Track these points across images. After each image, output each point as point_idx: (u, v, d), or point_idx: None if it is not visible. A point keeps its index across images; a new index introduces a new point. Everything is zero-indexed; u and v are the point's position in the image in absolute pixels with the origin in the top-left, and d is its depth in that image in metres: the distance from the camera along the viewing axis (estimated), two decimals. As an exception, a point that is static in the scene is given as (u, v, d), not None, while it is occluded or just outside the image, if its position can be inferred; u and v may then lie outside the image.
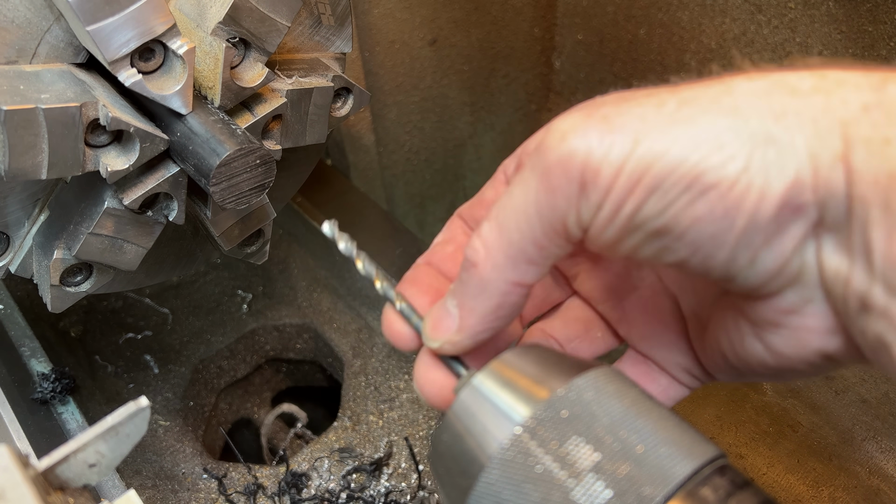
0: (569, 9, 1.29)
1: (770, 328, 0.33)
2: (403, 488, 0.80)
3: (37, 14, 0.54)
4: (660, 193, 0.30)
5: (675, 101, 0.31)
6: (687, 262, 0.32)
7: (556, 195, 0.32)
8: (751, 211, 0.29)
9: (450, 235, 0.44)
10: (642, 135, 0.30)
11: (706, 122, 0.29)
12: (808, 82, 0.30)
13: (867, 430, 0.92)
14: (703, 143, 0.29)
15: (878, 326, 0.29)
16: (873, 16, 0.92)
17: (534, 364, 0.34)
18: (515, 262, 0.34)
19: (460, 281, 0.36)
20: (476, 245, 0.35)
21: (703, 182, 0.29)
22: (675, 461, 0.29)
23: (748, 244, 0.30)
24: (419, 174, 1.35)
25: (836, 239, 0.30)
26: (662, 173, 0.29)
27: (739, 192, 0.29)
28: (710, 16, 1.08)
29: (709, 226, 0.30)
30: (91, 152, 0.55)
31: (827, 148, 0.28)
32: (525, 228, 0.33)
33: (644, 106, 0.31)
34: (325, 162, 1.23)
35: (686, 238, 0.30)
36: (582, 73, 1.36)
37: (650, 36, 1.18)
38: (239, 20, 0.57)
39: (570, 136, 0.31)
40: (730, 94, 0.30)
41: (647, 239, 0.32)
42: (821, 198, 0.29)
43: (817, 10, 0.97)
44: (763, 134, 0.29)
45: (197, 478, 0.82)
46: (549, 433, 0.31)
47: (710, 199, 0.29)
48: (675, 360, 0.42)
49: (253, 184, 0.59)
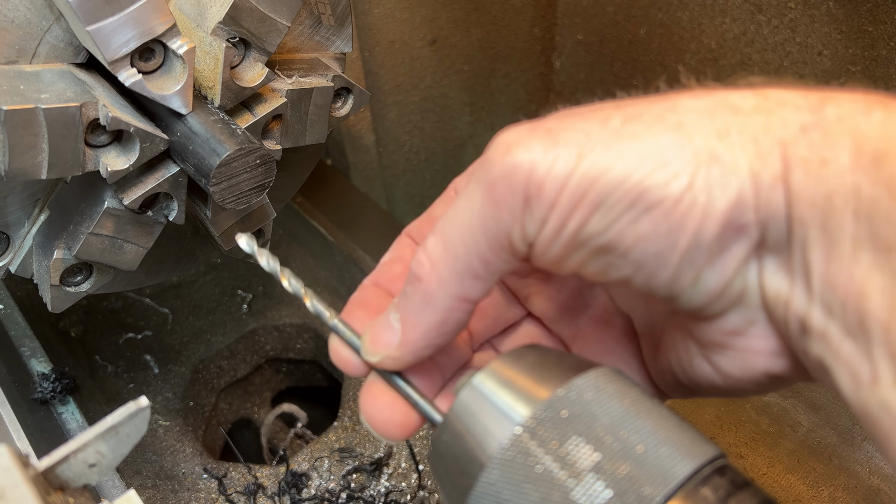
0: (569, 9, 1.29)
1: (716, 349, 0.33)
2: (403, 488, 0.80)
3: (37, 14, 0.54)
4: (604, 210, 0.30)
5: (620, 117, 0.30)
6: (631, 280, 0.31)
7: (501, 209, 0.31)
8: (694, 230, 0.29)
9: (398, 255, 0.43)
10: (587, 150, 0.30)
11: (651, 138, 0.29)
12: (750, 101, 0.30)
13: (867, 430, 0.92)
14: (647, 159, 0.29)
15: (818, 348, 0.29)
16: (873, 16, 0.92)
17: (534, 364, 0.34)
18: (461, 277, 0.33)
19: (404, 294, 0.35)
20: (421, 259, 0.34)
21: (647, 199, 0.29)
22: (675, 461, 0.29)
23: (691, 263, 0.30)
24: (419, 174, 1.35)
25: (778, 260, 0.30)
26: (606, 189, 0.29)
27: (683, 211, 0.29)
28: (710, 16, 1.08)
29: (652, 244, 0.30)
30: (91, 152, 0.55)
31: (767, 167, 0.28)
32: (470, 242, 0.32)
33: (589, 121, 0.31)
34: (325, 162, 1.23)
35: (630, 256, 0.30)
36: (582, 73, 1.36)
37: (650, 36, 1.18)
38: (239, 20, 0.57)
39: (514, 149, 0.31)
40: (674, 111, 0.30)
41: (591, 255, 0.31)
42: (762, 218, 0.29)
43: (817, 10, 0.97)
44: (707, 151, 0.29)
45: (197, 478, 0.82)
46: (550, 433, 0.31)
47: (653, 217, 0.29)
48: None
49: (253, 184, 0.59)
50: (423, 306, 0.34)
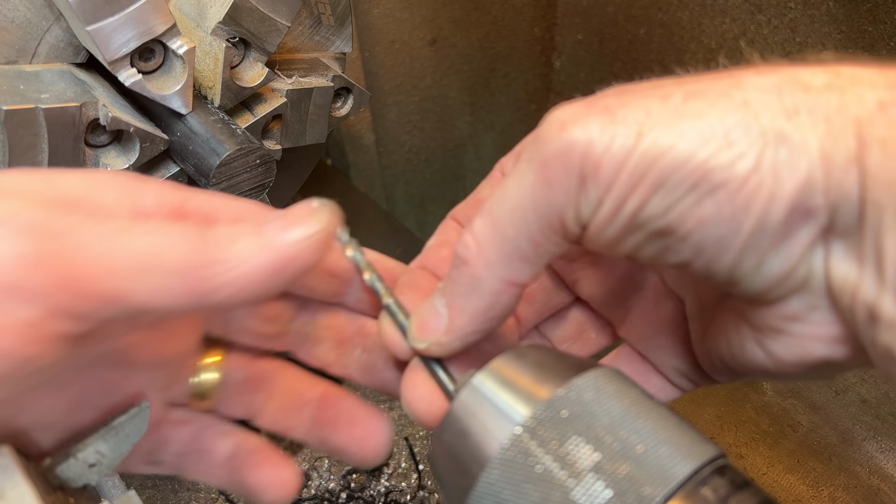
0: (569, 9, 1.29)
1: (772, 334, 0.32)
2: (403, 488, 0.80)
3: (37, 14, 0.54)
4: (664, 191, 0.28)
5: (682, 94, 0.29)
6: (690, 265, 0.30)
7: (554, 189, 0.30)
8: (759, 213, 0.27)
9: (444, 238, 0.42)
10: (647, 128, 0.28)
11: (715, 116, 0.28)
12: (821, 78, 0.28)
13: (867, 430, 0.92)
14: (711, 139, 0.27)
15: (888, 338, 0.27)
16: (873, 16, 0.92)
17: (534, 364, 0.34)
18: (509, 260, 0.32)
19: (450, 279, 0.34)
20: (468, 241, 0.33)
21: (711, 181, 0.27)
22: (675, 461, 0.29)
23: (755, 248, 0.28)
24: (419, 174, 1.35)
25: (846, 245, 0.28)
26: (668, 170, 0.28)
27: (748, 193, 0.27)
28: (710, 16, 1.08)
29: (715, 227, 0.28)
30: (91, 152, 0.55)
31: (840, 148, 0.27)
32: (520, 223, 0.31)
33: (648, 98, 0.29)
34: (325, 162, 1.23)
35: (690, 239, 0.29)
36: (582, 73, 1.36)
37: (650, 36, 1.18)
38: (239, 20, 0.57)
39: (569, 126, 0.29)
40: (739, 88, 0.28)
41: (649, 238, 0.30)
42: (832, 201, 0.27)
43: (817, 10, 0.97)
44: (774, 131, 0.27)
45: (197, 478, 0.82)
46: (549, 433, 0.31)
47: (717, 200, 0.28)
48: (672, 363, 0.40)
49: (253, 184, 0.59)
50: (469, 290, 0.33)
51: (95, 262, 0.27)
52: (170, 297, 0.29)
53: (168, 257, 0.28)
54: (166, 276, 0.28)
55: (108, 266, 0.27)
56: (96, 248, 0.27)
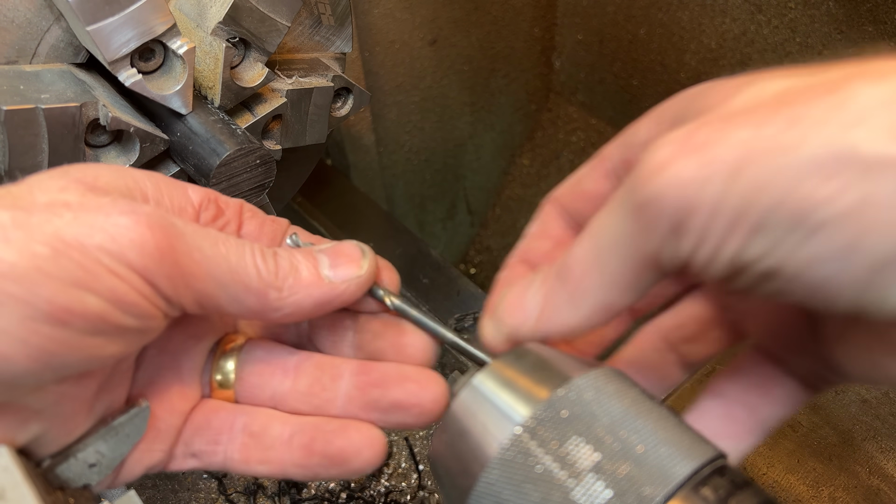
0: (569, 9, 1.29)
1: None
2: (403, 488, 0.80)
3: (37, 14, 0.54)
4: (764, 234, 0.26)
5: (782, 121, 0.27)
6: (808, 302, 0.28)
7: (649, 232, 0.29)
8: (871, 249, 0.25)
9: (543, 228, 0.42)
10: (744, 164, 0.26)
11: (814, 146, 0.26)
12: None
13: (867, 430, 0.92)
14: (810, 173, 0.25)
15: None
16: (873, 16, 0.92)
17: (534, 364, 0.34)
18: (608, 290, 0.32)
19: (551, 286, 0.34)
20: (571, 264, 0.33)
21: (813, 219, 0.25)
22: (675, 461, 0.29)
23: (873, 282, 0.26)
24: (419, 174, 1.35)
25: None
26: (765, 210, 0.26)
27: (855, 230, 0.25)
28: (710, 16, 1.08)
29: (825, 267, 0.26)
30: (91, 152, 0.55)
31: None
32: (619, 258, 0.31)
33: (745, 128, 0.27)
34: (325, 162, 1.23)
35: (800, 280, 0.27)
36: (582, 73, 1.36)
37: (650, 36, 1.18)
38: (239, 20, 0.57)
39: (664, 170, 0.28)
40: (844, 105, 0.26)
41: (756, 280, 0.28)
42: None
43: (817, 10, 0.97)
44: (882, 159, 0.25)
45: (197, 478, 0.82)
46: (550, 433, 0.31)
47: (822, 239, 0.26)
48: (805, 362, 0.38)
49: (253, 184, 0.59)
50: (567, 306, 0.33)
51: (202, 263, 0.33)
52: (241, 307, 0.35)
53: (248, 274, 0.34)
54: (244, 291, 0.34)
55: (208, 271, 0.33)
56: (204, 252, 0.33)
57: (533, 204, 1.45)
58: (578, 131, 1.43)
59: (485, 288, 1.13)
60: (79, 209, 0.31)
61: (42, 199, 0.31)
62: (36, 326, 0.29)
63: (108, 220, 0.31)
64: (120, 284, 0.30)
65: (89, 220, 0.31)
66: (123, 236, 0.30)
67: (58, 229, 0.30)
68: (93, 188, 0.33)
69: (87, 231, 0.30)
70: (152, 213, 0.32)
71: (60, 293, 0.29)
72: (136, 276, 0.31)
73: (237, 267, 0.34)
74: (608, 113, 1.37)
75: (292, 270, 0.35)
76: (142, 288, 0.31)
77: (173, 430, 0.39)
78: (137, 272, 0.31)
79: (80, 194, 0.32)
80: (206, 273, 0.33)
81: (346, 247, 0.38)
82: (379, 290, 0.39)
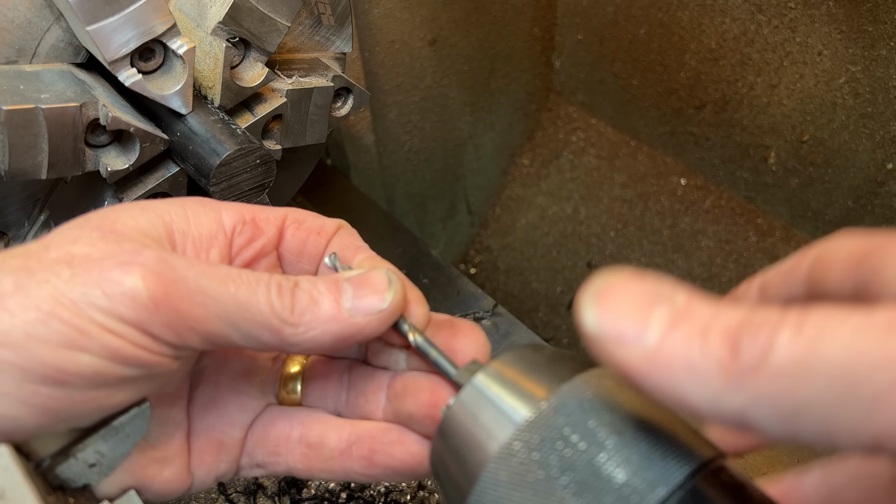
0: (569, 9, 1.29)
1: None
2: (403, 488, 0.80)
3: (37, 14, 0.54)
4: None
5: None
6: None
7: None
8: None
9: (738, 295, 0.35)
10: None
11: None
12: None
13: (867, 430, 0.92)
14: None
15: None
16: (873, 16, 0.92)
17: (534, 364, 0.34)
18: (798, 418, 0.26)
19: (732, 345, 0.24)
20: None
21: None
22: (674, 461, 0.29)
23: None
24: (419, 174, 1.35)
25: None
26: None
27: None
28: (710, 16, 1.08)
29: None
30: (91, 152, 0.55)
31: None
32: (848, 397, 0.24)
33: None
34: (325, 162, 1.23)
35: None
36: (582, 73, 1.36)
37: (650, 36, 1.18)
38: (239, 20, 0.57)
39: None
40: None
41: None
42: None
43: (817, 10, 0.97)
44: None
45: (197, 478, 0.82)
46: (550, 433, 0.31)
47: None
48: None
49: (253, 184, 0.59)
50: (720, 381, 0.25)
51: (206, 305, 0.32)
52: (257, 343, 0.34)
53: (260, 311, 0.33)
54: (257, 327, 0.33)
55: (215, 312, 0.32)
56: (209, 293, 0.32)
57: (533, 204, 1.46)
58: (578, 131, 1.43)
59: (485, 288, 1.13)
60: (79, 265, 0.31)
61: (53, 255, 0.32)
62: (34, 388, 0.30)
63: (102, 276, 0.31)
64: (114, 340, 0.31)
65: (84, 276, 0.31)
66: (115, 291, 0.31)
67: (54, 289, 0.30)
68: (110, 232, 0.33)
69: (81, 289, 0.30)
70: (149, 261, 0.32)
71: (51, 355, 0.30)
72: (131, 328, 0.31)
73: (248, 305, 0.33)
74: (608, 113, 1.37)
75: (311, 304, 0.34)
76: (138, 340, 0.31)
77: (236, 442, 0.39)
78: (132, 325, 0.31)
79: (89, 244, 0.32)
80: (213, 314, 0.32)
81: (374, 276, 0.36)
82: (405, 324, 0.37)
